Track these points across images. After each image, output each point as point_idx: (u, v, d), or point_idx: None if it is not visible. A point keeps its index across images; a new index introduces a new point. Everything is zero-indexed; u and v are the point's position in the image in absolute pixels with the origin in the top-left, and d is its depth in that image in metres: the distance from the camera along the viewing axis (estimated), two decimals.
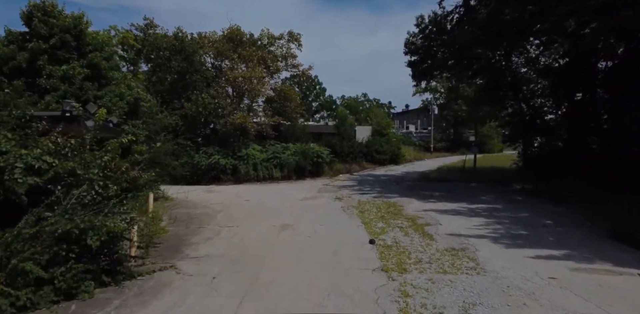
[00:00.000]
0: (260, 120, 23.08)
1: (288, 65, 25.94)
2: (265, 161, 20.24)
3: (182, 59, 20.47)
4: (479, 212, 10.57)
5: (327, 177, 21.13)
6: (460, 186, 16.78)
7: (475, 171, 20.71)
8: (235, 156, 20.05)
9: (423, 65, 18.67)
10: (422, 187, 16.42)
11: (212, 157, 19.52)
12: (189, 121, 20.27)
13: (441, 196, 13.72)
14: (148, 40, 20.10)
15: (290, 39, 25.53)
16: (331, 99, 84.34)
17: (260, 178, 19.69)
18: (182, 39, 20.64)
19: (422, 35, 18.06)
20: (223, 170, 19.48)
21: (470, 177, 19.18)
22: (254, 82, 21.99)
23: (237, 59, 22.72)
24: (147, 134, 12.37)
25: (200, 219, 10.00)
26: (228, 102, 20.70)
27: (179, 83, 21.10)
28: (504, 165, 26.09)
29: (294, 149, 21.12)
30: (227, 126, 19.99)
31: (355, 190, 15.63)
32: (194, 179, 19.44)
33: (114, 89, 10.34)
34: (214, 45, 22.08)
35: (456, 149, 46.74)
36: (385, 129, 31.08)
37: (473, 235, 7.97)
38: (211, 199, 13.85)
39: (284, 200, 13.32)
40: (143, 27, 21.05)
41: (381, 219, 9.75)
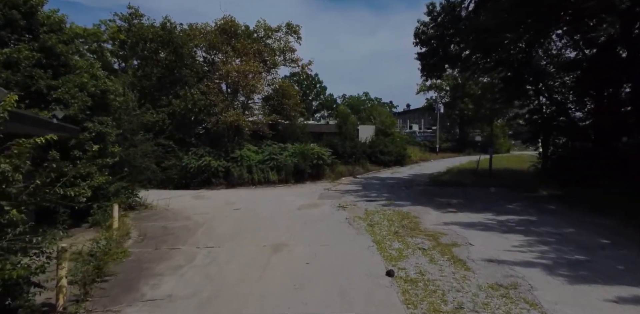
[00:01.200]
0: (256, 118, 21.32)
1: (286, 59, 24.15)
2: (260, 163, 18.49)
3: (170, 52, 18.72)
4: (513, 227, 8.80)
5: (328, 180, 19.36)
6: (478, 191, 15.00)
7: (491, 174, 18.93)
8: (228, 157, 18.30)
9: (434, 57, 16.87)
10: (436, 192, 14.65)
11: (203, 158, 17.77)
12: (178, 119, 18.52)
13: (460, 205, 11.95)
14: (132, 30, 18.37)
15: (289, 32, 23.74)
16: (332, 98, 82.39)
17: (255, 182, 17.93)
18: (170, 30, 18.89)
19: (434, 23, 16.28)
20: (214, 173, 17.73)
21: (487, 180, 17.40)
22: (249, 77, 20.25)
23: (231, 52, 20.96)
24: (119, 132, 10.63)
25: (176, 236, 8.24)
26: (220, 98, 18.94)
27: (167, 78, 19.35)
28: (518, 166, 24.35)
29: (293, 149, 19.37)
30: (219, 125, 18.23)
31: (361, 196, 13.87)
32: (183, 182, 17.72)
33: (73, 78, 8.59)
34: (206, 38, 20.32)
35: (462, 150, 44.93)
36: (390, 129, 29.33)
37: (518, 262, 6.21)
38: (196, 207, 12.09)
39: (279, 209, 11.56)
40: (127, 16, 19.32)
41: (396, 236, 7.99)
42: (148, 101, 19.22)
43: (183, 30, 20.66)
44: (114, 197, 10.08)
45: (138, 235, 8.30)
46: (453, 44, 16.30)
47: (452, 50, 16.54)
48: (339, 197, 13.64)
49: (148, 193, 12.67)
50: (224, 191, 16.83)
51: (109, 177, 9.87)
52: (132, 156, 11.19)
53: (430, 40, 16.37)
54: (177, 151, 18.25)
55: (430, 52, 16.81)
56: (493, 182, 16.76)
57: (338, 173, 20.33)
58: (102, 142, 9.78)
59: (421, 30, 16.71)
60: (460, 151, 44.51)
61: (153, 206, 12.31)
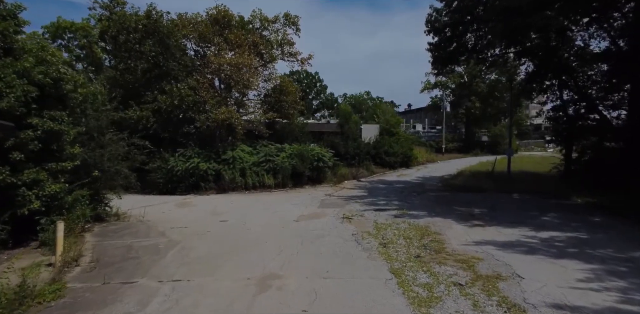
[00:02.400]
0: (252, 117, 19.54)
1: (284, 53, 22.34)
2: (255, 165, 16.73)
3: (156, 43, 16.96)
4: (563, 249, 7.03)
5: (329, 184, 17.61)
6: (501, 198, 13.23)
7: (510, 178, 17.14)
8: (219, 159, 16.54)
9: (449, 47, 15.10)
10: (453, 200, 12.89)
11: (191, 160, 16.02)
12: (163, 117, 16.76)
13: (486, 216, 10.19)
14: (113, 19, 16.64)
15: (287, 23, 21.95)
16: (332, 97, 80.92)
17: (249, 186, 16.17)
18: (156, 19, 17.12)
19: (448, 10, 14.51)
20: (204, 176, 15.97)
21: (507, 185, 15.63)
22: (244, 70, 18.49)
23: (224, 44, 19.20)
24: (82, 131, 8.89)
25: (139, 262, 6.49)
26: (211, 94, 17.18)
27: (152, 72, 17.58)
28: (535, 168, 22.62)
29: (291, 150, 17.60)
30: (209, 123, 16.47)
31: (367, 204, 12.10)
32: (169, 187, 15.97)
33: (12, 63, 6.86)
34: (196, 28, 18.55)
35: (469, 150, 43.16)
36: (395, 128, 27.55)
37: (600, 309, 4.45)
38: (176, 218, 10.34)
39: (273, 221, 9.80)
40: (108, 4, 17.57)
41: (418, 262, 6.23)
42: (132, 97, 17.49)
43: (171, 20, 18.91)
44: (73, 209, 8.33)
45: (90, 260, 6.54)
46: (470, 32, 14.52)
47: (468, 40, 14.76)
48: (342, 206, 11.89)
49: (124, 201, 10.97)
50: (214, 196, 15.08)
51: (66, 185, 8.13)
52: (98, 159, 9.43)
53: (444, 28, 14.60)
54: (163, 152, 16.51)
55: (443, 42, 15.03)
56: (514, 187, 14.99)
57: (340, 176, 18.57)
58: (57, 143, 8.03)
59: (434, 17, 14.94)
60: (466, 152, 42.73)
61: (127, 217, 10.59)
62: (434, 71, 16.85)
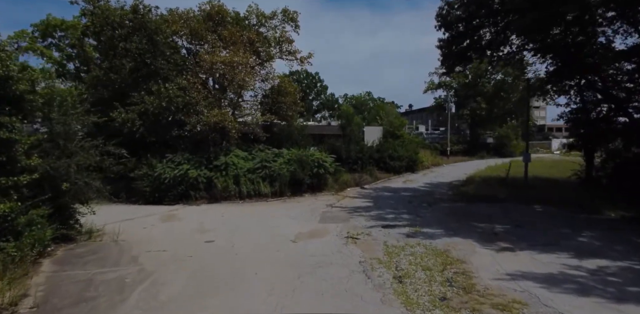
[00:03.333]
0: (248, 119, 18.22)
1: (283, 51, 21.05)
2: (250, 172, 15.41)
3: (143, 40, 15.64)
4: (622, 287, 5.69)
5: (331, 192, 16.28)
6: (521, 210, 11.89)
7: (527, 185, 15.79)
8: (211, 165, 15.23)
9: (460, 44, 13.77)
10: (468, 212, 11.56)
11: (180, 167, 14.72)
12: (151, 120, 15.44)
13: (511, 234, 8.86)
14: (96, 14, 15.37)
15: (285, 19, 20.66)
16: (333, 98, 79.72)
17: (243, 195, 14.85)
18: (143, 14, 15.82)
19: (461, 2, 13.18)
20: (194, 185, 14.66)
21: (524, 194, 14.30)
22: (239, 69, 17.19)
23: (217, 41, 17.91)
24: (41, 138, 7.60)
25: (93, 307, 5.17)
26: (203, 95, 15.87)
27: (140, 71, 16.28)
28: (551, 173, 21.30)
29: (289, 156, 16.28)
30: (201, 126, 15.17)
31: (374, 218, 10.77)
32: (155, 196, 14.66)
33: None
34: (187, 24, 17.26)
35: (474, 153, 41.75)
36: (399, 130, 26.21)
37: None
38: (156, 238, 9.03)
39: (266, 241, 8.49)
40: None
41: (446, 309, 4.91)
42: (117, 98, 16.20)
43: (160, 16, 17.64)
44: (28, 232, 7.01)
45: (32, 304, 5.22)
46: (484, 27, 13.20)
47: (482, 36, 13.44)
48: (345, 220, 10.57)
49: (103, 213, 9.68)
50: (204, 207, 13.76)
51: (18, 203, 6.83)
52: (64, 170, 8.11)
53: (457, 22, 13.28)
54: (150, 157, 15.21)
55: (455, 37, 13.70)
56: (533, 197, 13.67)
57: (342, 183, 17.24)
58: (6, 153, 6.74)
59: (445, 10, 13.61)
60: (472, 154, 41.31)
61: (101, 235, 9.31)
62: (442, 70, 15.58)
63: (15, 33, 29.57)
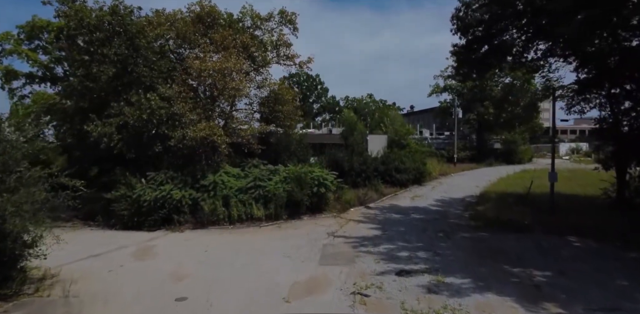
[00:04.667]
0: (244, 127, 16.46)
1: (280, 56, 19.40)
2: (242, 192, 13.74)
3: (123, 44, 14.01)
4: None
5: (332, 213, 14.59)
6: (557, 245, 10.15)
7: (553, 208, 14.01)
8: (198, 184, 13.58)
9: (480, 49, 12.09)
10: (495, 248, 9.84)
11: (162, 188, 13.06)
12: (131, 134, 13.80)
13: (557, 287, 7.15)
14: (69, 15, 13.72)
15: (282, 21, 19.02)
16: (334, 100, 78.22)
17: (233, 219, 13.17)
18: (124, 16, 14.18)
19: (482, 1, 11.51)
20: (178, 208, 13.01)
21: (552, 219, 12.59)
22: (232, 76, 15.57)
23: (208, 46, 16.28)
24: None
25: None
26: (190, 106, 14.21)
27: (122, 78, 14.65)
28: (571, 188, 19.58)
29: (286, 173, 14.60)
30: (186, 141, 13.50)
31: (385, 258, 9.05)
32: (134, 221, 13.01)
33: None
34: (174, 26, 15.62)
35: (481, 159, 39.94)
36: (405, 139, 24.49)
37: None
38: (117, 291, 7.34)
39: (253, 298, 6.80)
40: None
41: None
42: (95, 109, 14.59)
43: (146, 17, 16.03)
44: None
45: None
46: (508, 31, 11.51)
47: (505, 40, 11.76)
48: (351, 260, 8.88)
49: (70, 246, 8.01)
50: (188, 235, 12.10)
51: None
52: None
53: (477, 26, 11.58)
54: (129, 176, 13.56)
55: (475, 42, 12.01)
56: (562, 223, 11.95)
57: (345, 203, 15.53)
58: None
59: (463, 12, 11.92)
60: (479, 161, 39.50)
61: (52, 284, 7.63)
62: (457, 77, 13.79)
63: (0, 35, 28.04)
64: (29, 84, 26.28)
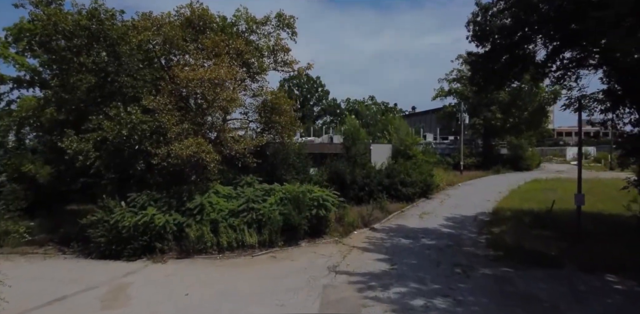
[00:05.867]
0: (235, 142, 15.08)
1: (278, 62, 18.04)
2: (233, 215, 12.38)
3: (104, 51, 12.66)
4: None
5: (334, 237, 13.23)
6: (594, 287, 8.74)
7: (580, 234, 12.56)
8: (184, 207, 12.22)
9: (500, 59, 10.71)
10: (523, 292, 8.43)
11: (143, 212, 11.69)
12: (110, 151, 12.46)
13: None
14: (40, 19, 12.37)
15: (280, 25, 17.67)
16: (335, 103, 76.80)
17: (222, 247, 11.80)
18: (103, 20, 12.82)
19: (504, 4, 10.13)
20: (160, 235, 11.65)
21: (581, 249, 11.16)
22: (225, 86, 14.24)
23: (196, 52, 14.96)
24: None
25: None
26: (175, 120, 12.85)
27: (102, 89, 13.32)
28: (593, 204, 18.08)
29: (282, 193, 13.23)
30: (171, 160, 12.14)
31: (396, 309, 7.65)
32: (112, 249, 11.65)
33: None
34: (160, 31, 14.26)
35: (488, 166, 38.49)
36: (411, 149, 23.08)
37: None
38: None
39: None
40: None
41: None
42: (72, 122, 13.29)
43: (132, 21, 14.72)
44: None
45: None
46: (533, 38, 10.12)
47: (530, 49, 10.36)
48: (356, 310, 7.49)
49: (32, 278, 6.71)
50: (171, 267, 10.75)
51: None
52: None
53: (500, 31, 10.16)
54: (106, 198, 12.21)
55: (495, 51, 10.61)
56: (596, 256, 10.52)
57: (348, 224, 14.14)
58: None
59: (481, 17, 10.53)
60: (486, 168, 38.06)
61: None
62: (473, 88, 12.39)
63: None
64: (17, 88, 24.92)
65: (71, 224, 13.11)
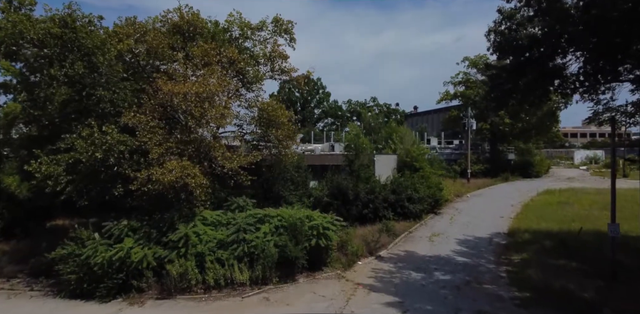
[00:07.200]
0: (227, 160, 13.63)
1: (275, 70, 16.64)
2: (221, 247, 10.99)
3: (75, 63, 11.27)
4: None
5: (335, 270, 11.82)
6: None
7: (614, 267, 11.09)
8: (165, 239, 10.83)
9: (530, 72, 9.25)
10: None
11: (118, 246, 10.31)
12: (84, 174, 11.09)
13: None
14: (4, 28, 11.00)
15: (277, 30, 16.27)
16: (336, 105, 75.31)
17: (208, 286, 10.41)
18: (77, 28, 11.43)
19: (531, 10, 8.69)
20: (138, 272, 10.28)
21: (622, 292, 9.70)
22: (215, 100, 12.90)
23: (185, 61, 13.60)
24: None
25: None
26: (159, 139, 11.46)
27: (76, 104, 11.95)
28: None
29: (278, 220, 11.81)
30: (151, 186, 10.76)
31: None
32: (84, 288, 10.28)
33: None
34: (144, 38, 12.88)
35: (496, 173, 36.92)
36: (419, 161, 21.62)
37: None
38: None
39: None
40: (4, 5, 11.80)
41: None
42: (42, 142, 11.93)
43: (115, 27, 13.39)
44: None
45: None
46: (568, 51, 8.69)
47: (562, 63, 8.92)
48: None
49: None
50: (148, 311, 9.37)
51: None
52: None
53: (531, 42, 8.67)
54: (78, 228, 10.86)
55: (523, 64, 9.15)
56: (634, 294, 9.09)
57: (351, 253, 12.70)
58: None
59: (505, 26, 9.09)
60: (494, 175, 36.49)
61: None
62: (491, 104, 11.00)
63: None
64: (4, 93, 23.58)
65: (49, 247, 11.73)
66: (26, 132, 12.63)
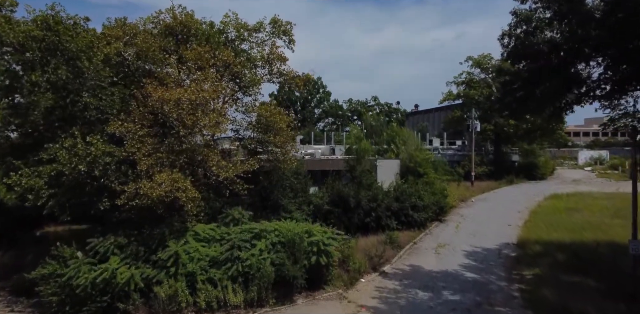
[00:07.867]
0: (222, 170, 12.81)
1: (273, 73, 15.86)
2: (214, 266, 10.29)
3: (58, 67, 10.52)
4: None
5: (336, 290, 11.10)
6: None
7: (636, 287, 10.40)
8: (155, 257, 10.12)
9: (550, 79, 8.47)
10: None
11: (103, 266, 9.61)
12: (67, 187, 10.37)
13: None
14: None
15: (275, 32, 15.48)
16: (337, 104, 74.41)
17: (199, 309, 9.72)
18: (60, 31, 10.67)
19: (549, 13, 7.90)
20: (125, 294, 9.57)
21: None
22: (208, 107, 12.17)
23: (178, 64, 12.86)
24: None
25: None
26: (148, 149, 10.73)
27: (60, 112, 11.21)
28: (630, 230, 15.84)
29: (275, 236, 11.08)
30: (139, 200, 10.03)
31: None
32: (66, 311, 9.58)
33: None
34: (133, 41, 12.11)
35: (501, 175, 36.04)
36: (423, 167, 20.85)
37: None
38: None
39: None
40: None
41: None
42: (22, 153, 11.21)
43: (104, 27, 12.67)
44: None
45: None
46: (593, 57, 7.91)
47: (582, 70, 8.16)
48: None
49: None
50: None
51: None
52: None
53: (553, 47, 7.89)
54: (60, 246, 10.13)
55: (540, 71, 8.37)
56: None
57: (353, 270, 11.98)
58: None
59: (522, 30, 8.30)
60: (498, 177, 35.58)
61: None
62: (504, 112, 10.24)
63: None
64: None
65: (34, 260, 11.05)
66: (8, 140, 11.90)
